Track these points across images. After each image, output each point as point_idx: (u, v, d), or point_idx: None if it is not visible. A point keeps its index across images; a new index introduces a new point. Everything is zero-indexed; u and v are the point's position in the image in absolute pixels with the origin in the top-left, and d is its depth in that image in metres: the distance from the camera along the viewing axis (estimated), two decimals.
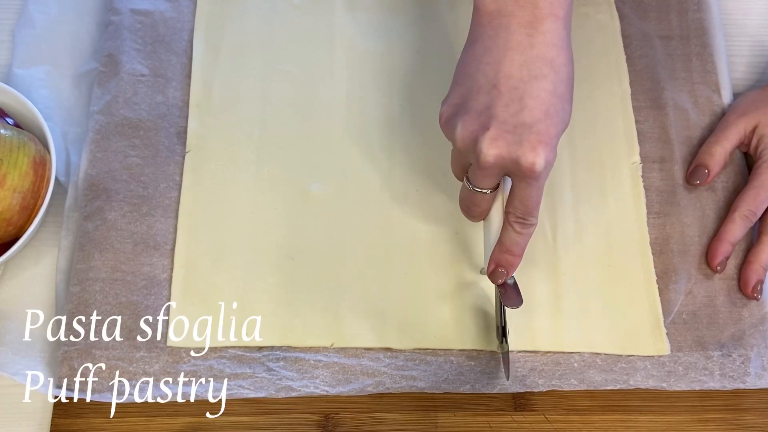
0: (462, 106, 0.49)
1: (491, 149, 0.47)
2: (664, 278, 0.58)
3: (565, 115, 0.48)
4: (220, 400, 0.54)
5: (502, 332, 0.54)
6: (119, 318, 0.55)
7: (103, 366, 0.53)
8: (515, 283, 0.53)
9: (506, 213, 0.51)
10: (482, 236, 0.59)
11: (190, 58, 0.64)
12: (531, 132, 0.46)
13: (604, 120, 0.64)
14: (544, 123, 0.47)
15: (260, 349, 0.55)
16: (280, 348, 0.55)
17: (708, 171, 0.60)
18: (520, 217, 0.50)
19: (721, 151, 0.60)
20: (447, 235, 0.59)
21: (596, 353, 0.56)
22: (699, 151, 0.61)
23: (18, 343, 0.55)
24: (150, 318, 0.55)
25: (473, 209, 0.54)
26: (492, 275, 0.52)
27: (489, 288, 0.57)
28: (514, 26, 0.48)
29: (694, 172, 0.60)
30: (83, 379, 0.53)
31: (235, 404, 0.54)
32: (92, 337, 0.54)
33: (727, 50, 0.67)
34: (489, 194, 0.52)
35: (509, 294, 0.52)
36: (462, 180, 0.53)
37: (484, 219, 0.54)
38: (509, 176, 0.50)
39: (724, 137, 0.60)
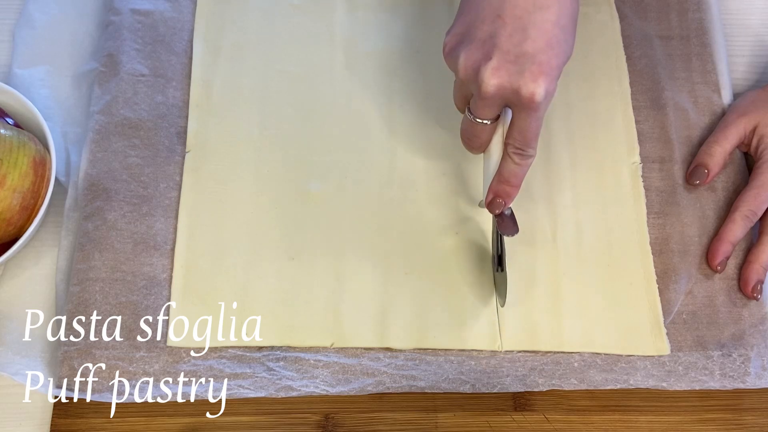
0: (466, 36, 0.49)
1: (493, 79, 0.47)
2: (664, 278, 0.58)
3: (568, 47, 0.49)
4: (220, 400, 0.54)
5: (498, 260, 0.55)
6: (119, 318, 0.55)
7: (103, 366, 0.53)
8: (512, 213, 0.54)
9: (505, 144, 0.52)
10: (483, 236, 0.59)
11: (190, 58, 0.64)
12: (533, 62, 0.47)
13: (604, 120, 0.64)
14: (546, 54, 0.47)
15: (260, 349, 0.55)
16: (280, 348, 0.55)
17: (707, 171, 0.60)
18: (518, 147, 0.51)
19: (720, 151, 0.60)
20: (447, 235, 0.59)
21: (596, 353, 0.56)
22: (699, 151, 0.61)
23: (18, 343, 0.55)
24: (150, 318, 0.55)
25: (474, 140, 0.54)
26: (490, 205, 0.53)
27: (489, 287, 0.57)
28: None
29: (693, 172, 0.60)
30: (83, 379, 0.53)
31: (235, 404, 0.54)
32: (92, 337, 0.54)
33: (727, 50, 0.67)
34: (489, 125, 0.52)
35: (506, 223, 0.53)
36: (464, 111, 0.54)
37: (483, 151, 0.55)
38: (510, 107, 0.50)
39: (723, 137, 0.60)
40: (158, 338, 0.55)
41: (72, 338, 0.54)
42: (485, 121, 0.52)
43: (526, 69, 0.47)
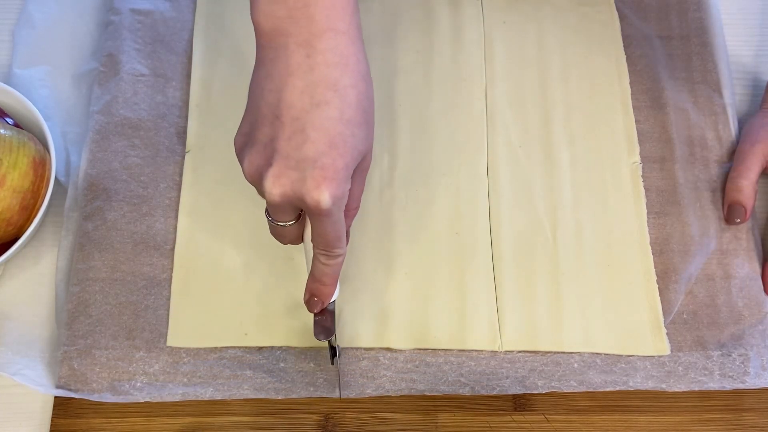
0: (250, 137, 0.46)
1: (275, 188, 0.44)
2: (664, 278, 0.58)
3: (357, 141, 0.44)
4: (220, 400, 0.54)
5: (332, 352, 0.53)
6: (119, 318, 0.55)
7: (103, 366, 0.53)
8: (333, 311, 0.52)
9: (313, 243, 0.48)
10: (482, 237, 0.59)
11: (190, 58, 0.64)
12: (315, 167, 0.43)
13: (604, 120, 0.64)
14: (329, 156, 0.43)
15: (260, 349, 0.55)
16: (280, 348, 0.55)
17: (744, 207, 0.59)
18: (322, 249, 0.48)
19: (748, 184, 0.59)
20: (447, 236, 0.59)
21: (596, 353, 0.56)
22: (726, 189, 0.60)
23: (18, 343, 0.55)
24: (150, 318, 0.55)
25: (280, 239, 0.51)
26: (308, 304, 0.51)
27: (489, 287, 0.57)
28: (292, 47, 0.43)
29: (731, 211, 0.59)
30: (83, 379, 0.53)
31: (235, 404, 0.54)
32: (92, 337, 0.54)
33: (727, 50, 0.67)
34: (293, 225, 0.49)
35: (324, 322, 0.51)
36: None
37: (299, 244, 0.52)
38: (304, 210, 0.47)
39: (746, 169, 0.59)
40: (158, 338, 0.55)
41: (72, 338, 0.54)
42: (285, 223, 0.48)
43: (307, 175, 0.43)
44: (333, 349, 0.53)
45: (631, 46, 0.66)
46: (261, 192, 0.46)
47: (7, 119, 0.59)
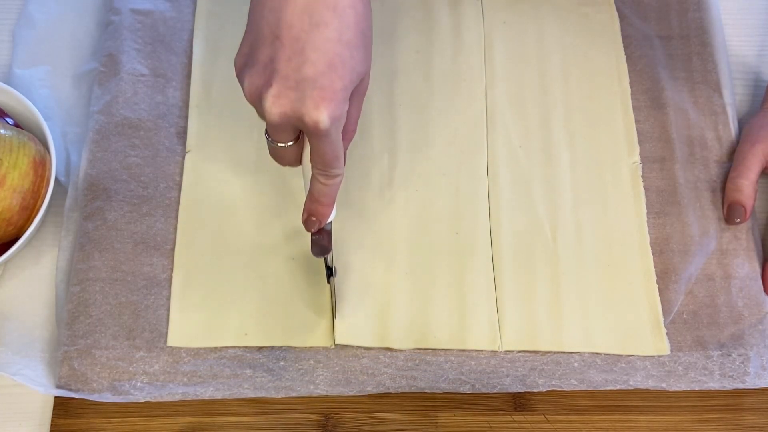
0: (250, 57, 0.46)
1: (274, 108, 0.45)
2: (664, 278, 0.58)
3: (356, 63, 0.45)
4: (220, 400, 0.54)
5: (329, 272, 0.55)
6: (119, 318, 0.55)
7: (103, 366, 0.53)
8: (330, 232, 0.53)
9: (311, 163, 0.49)
10: (482, 236, 0.59)
11: (190, 58, 0.64)
12: (314, 87, 0.44)
13: (604, 120, 0.64)
14: (328, 77, 0.44)
15: (260, 349, 0.55)
16: (280, 348, 0.55)
17: (744, 207, 0.59)
18: (321, 169, 0.49)
19: (748, 184, 0.59)
20: (447, 235, 0.59)
21: (596, 353, 0.56)
22: (726, 189, 0.60)
23: (18, 343, 0.55)
24: (150, 318, 0.55)
25: (281, 160, 0.52)
26: (305, 224, 0.52)
27: (489, 287, 0.57)
28: None
29: (730, 211, 0.59)
30: (83, 379, 0.53)
31: (235, 404, 0.54)
32: (92, 337, 0.54)
33: (727, 50, 0.67)
34: (292, 146, 0.50)
35: (321, 241, 0.53)
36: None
37: (297, 166, 0.53)
38: (302, 130, 0.48)
39: (746, 169, 0.59)
40: (158, 338, 0.55)
41: (72, 338, 0.54)
42: (284, 144, 0.49)
43: (307, 96, 0.44)
44: (329, 269, 0.54)
45: (631, 46, 0.66)
46: (260, 112, 0.46)
47: (8, 119, 0.59)
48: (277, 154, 0.51)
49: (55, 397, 0.54)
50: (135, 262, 0.57)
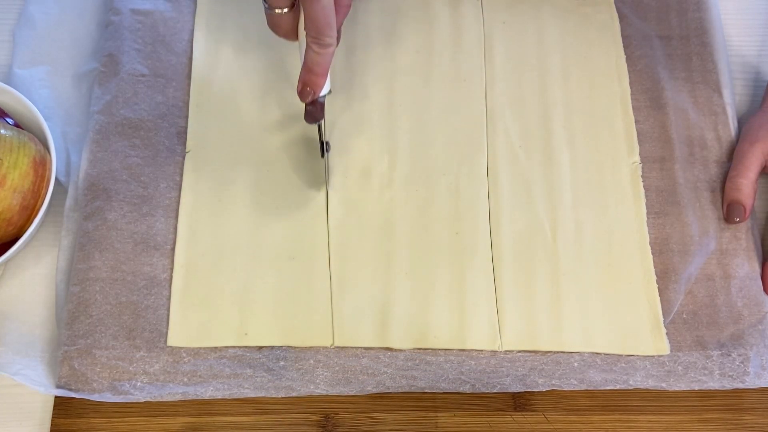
0: None
1: None
2: (664, 278, 0.58)
3: None
4: (220, 400, 0.54)
5: (323, 147, 0.58)
6: (119, 318, 0.55)
7: (103, 366, 0.53)
8: (323, 104, 0.55)
9: (306, 31, 0.52)
10: (482, 236, 0.59)
11: (190, 58, 0.64)
12: None
13: (604, 120, 0.64)
14: None
15: (260, 349, 0.55)
16: (280, 348, 0.55)
17: (743, 206, 0.59)
18: (314, 37, 0.51)
19: (747, 183, 0.59)
20: (447, 235, 0.59)
21: (596, 353, 0.56)
22: (725, 188, 0.60)
23: (18, 343, 0.55)
24: (150, 318, 0.55)
25: (277, 30, 0.55)
26: (300, 94, 0.54)
27: (489, 287, 0.57)
28: None
29: (730, 210, 0.59)
30: (83, 378, 0.53)
31: (235, 404, 0.54)
32: (92, 337, 0.54)
33: (727, 50, 0.67)
34: (287, 14, 0.53)
35: (314, 111, 0.55)
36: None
37: (292, 39, 0.55)
38: None
39: (745, 168, 0.59)
40: (158, 338, 0.55)
41: (72, 338, 0.54)
42: (279, 11, 0.52)
43: None
44: (323, 144, 0.57)
45: (631, 46, 0.66)
46: None
47: (8, 119, 0.59)
48: (273, 23, 0.54)
49: (55, 396, 0.54)
50: (135, 262, 0.57)
